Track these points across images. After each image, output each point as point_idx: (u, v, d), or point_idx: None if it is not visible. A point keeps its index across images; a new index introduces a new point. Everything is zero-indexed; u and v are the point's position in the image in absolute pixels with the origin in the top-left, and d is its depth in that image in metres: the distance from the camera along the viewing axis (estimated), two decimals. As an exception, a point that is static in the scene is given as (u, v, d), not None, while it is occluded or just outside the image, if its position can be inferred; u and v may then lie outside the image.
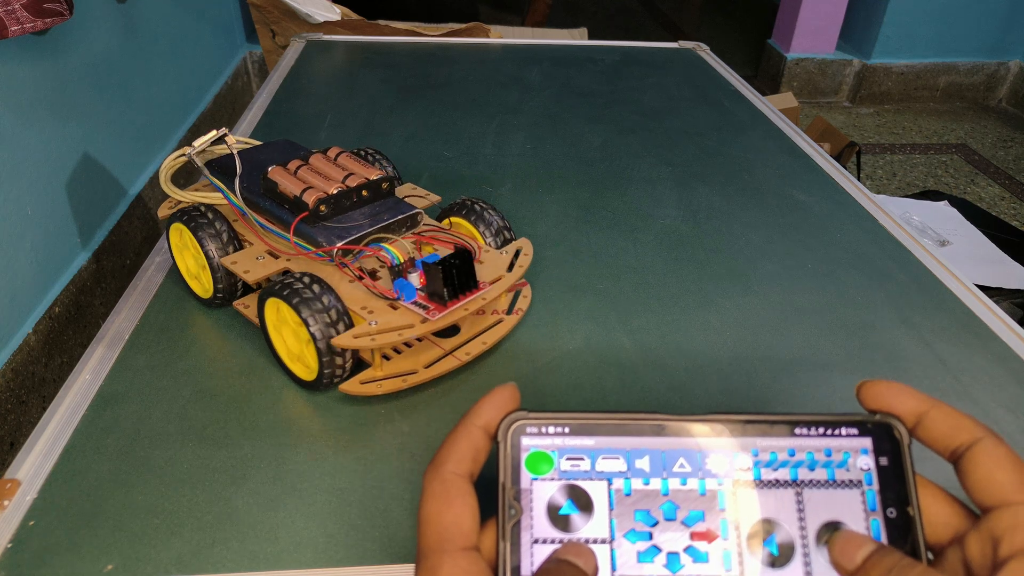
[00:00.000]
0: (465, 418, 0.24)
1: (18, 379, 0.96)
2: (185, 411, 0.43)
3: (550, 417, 0.24)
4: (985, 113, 2.49)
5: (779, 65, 2.49)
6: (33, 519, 0.37)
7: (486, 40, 1.13)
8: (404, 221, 0.49)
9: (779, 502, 0.23)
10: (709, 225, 0.66)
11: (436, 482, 0.23)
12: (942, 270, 0.61)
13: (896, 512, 0.23)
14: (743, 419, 0.24)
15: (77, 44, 1.13)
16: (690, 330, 0.52)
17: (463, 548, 0.22)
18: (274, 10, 1.65)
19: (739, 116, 0.89)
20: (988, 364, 0.51)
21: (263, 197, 0.50)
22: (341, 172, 0.50)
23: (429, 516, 0.23)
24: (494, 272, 0.48)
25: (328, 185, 0.48)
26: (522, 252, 0.51)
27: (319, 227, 0.47)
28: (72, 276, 1.10)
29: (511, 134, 0.82)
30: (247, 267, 0.47)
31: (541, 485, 0.24)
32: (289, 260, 0.48)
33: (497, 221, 0.52)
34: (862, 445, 0.24)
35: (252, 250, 0.49)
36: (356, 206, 0.49)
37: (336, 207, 0.48)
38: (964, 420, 0.24)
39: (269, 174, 0.49)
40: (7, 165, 0.94)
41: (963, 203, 1.40)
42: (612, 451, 0.24)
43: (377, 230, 0.48)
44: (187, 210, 0.50)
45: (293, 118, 0.83)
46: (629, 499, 0.23)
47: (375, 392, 0.44)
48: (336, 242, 0.46)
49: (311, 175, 0.50)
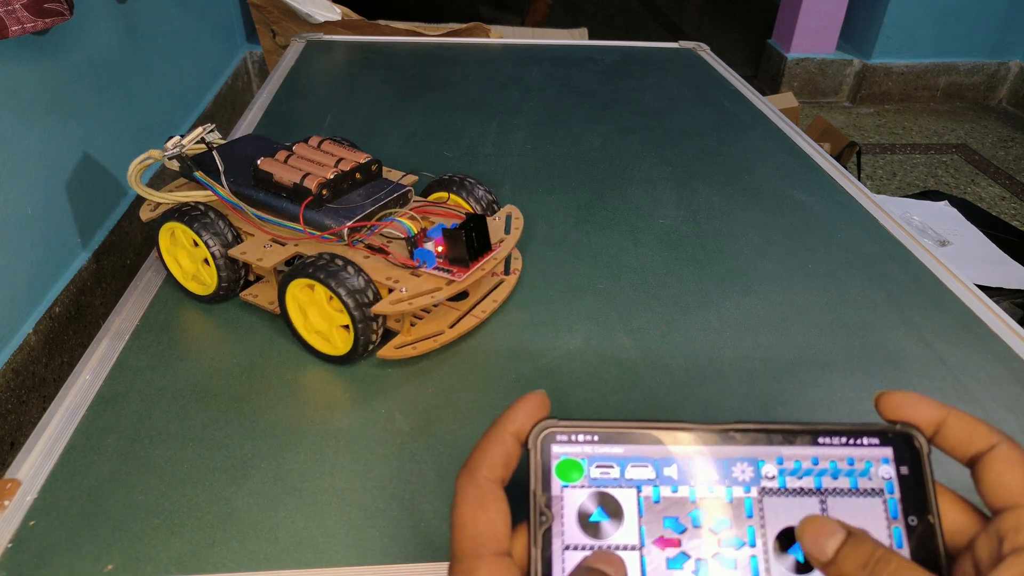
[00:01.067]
0: (497, 424, 0.25)
1: (18, 379, 0.96)
2: (185, 411, 0.43)
3: (580, 425, 0.24)
4: (985, 113, 2.49)
5: (779, 65, 2.49)
6: (33, 519, 0.37)
7: (486, 40, 1.13)
8: (398, 199, 0.52)
9: (804, 510, 0.24)
10: (709, 225, 0.66)
11: (471, 487, 0.23)
12: (942, 270, 0.61)
13: (917, 520, 0.24)
14: (768, 428, 0.25)
15: (77, 44, 1.13)
16: (690, 330, 0.52)
17: (497, 553, 0.23)
18: (274, 10, 1.65)
19: (739, 116, 0.89)
20: (988, 364, 0.51)
21: (256, 189, 0.51)
22: (331, 158, 0.52)
23: (464, 520, 0.23)
24: (494, 235, 0.51)
25: (324, 171, 0.50)
26: (513, 216, 0.54)
27: (324, 211, 0.49)
28: (72, 276, 1.10)
29: (511, 134, 0.82)
30: (259, 255, 0.49)
31: (571, 492, 0.24)
32: (298, 245, 0.49)
33: (484, 195, 0.56)
34: (883, 455, 0.25)
35: (256, 240, 0.50)
36: (352, 188, 0.51)
37: (335, 190, 0.50)
38: (980, 426, 0.24)
39: (260, 165, 0.51)
40: (7, 165, 0.94)
41: (963, 203, 1.40)
42: (641, 459, 0.24)
43: (377, 208, 0.50)
44: (179, 208, 0.50)
45: (293, 118, 0.83)
46: (658, 506, 0.24)
47: (411, 355, 0.47)
48: (345, 222, 0.48)
49: (303, 163, 0.51)
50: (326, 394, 0.45)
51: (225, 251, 0.49)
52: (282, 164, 0.51)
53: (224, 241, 0.50)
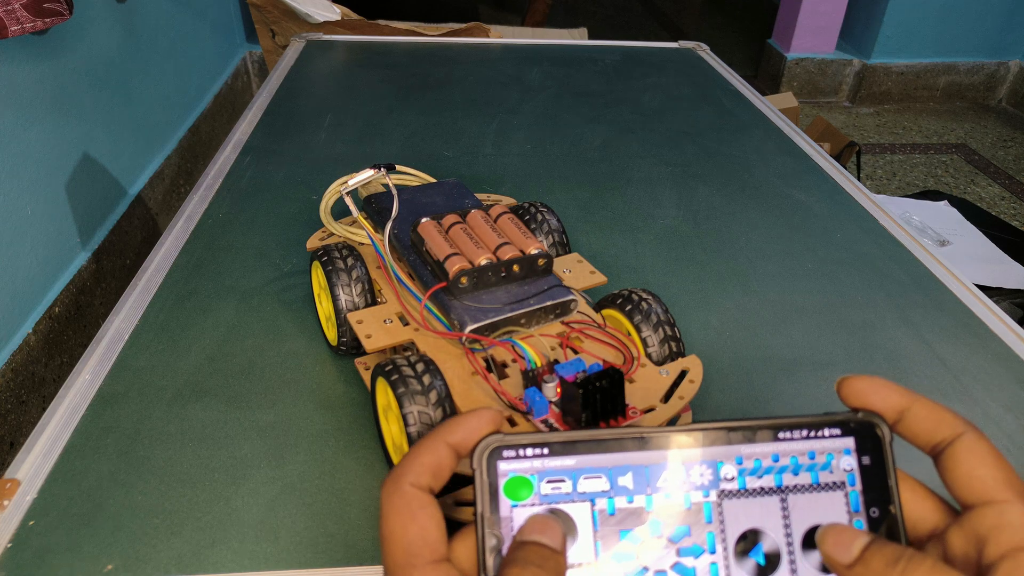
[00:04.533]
0: (433, 432, 0.24)
1: (18, 379, 0.96)
2: (185, 411, 0.43)
3: (528, 438, 0.23)
4: (985, 113, 2.49)
5: (779, 65, 2.49)
6: (33, 519, 0.37)
7: (486, 40, 1.13)
8: (553, 308, 0.42)
9: (765, 510, 0.23)
10: (709, 225, 0.66)
11: (396, 496, 0.22)
12: (942, 270, 0.61)
13: (879, 511, 0.23)
14: (726, 426, 0.24)
15: (77, 44, 1.13)
16: (690, 330, 0.52)
17: (432, 561, 0.22)
18: (274, 10, 1.65)
19: (739, 116, 0.89)
20: (988, 364, 0.51)
21: (409, 250, 0.45)
22: (496, 239, 0.43)
23: (393, 532, 0.22)
24: (649, 395, 0.39)
25: (477, 254, 0.42)
26: (688, 377, 0.40)
27: (456, 301, 0.41)
28: (72, 276, 1.10)
29: (511, 134, 0.82)
30: (370, 331, 0.42)
31: (522, 512, 0.23)
32: (417, 330, 0.42)
33: (665, 327, 0.42)
34: (845, 445, 0.24)
35: (383, 309, 0.44)
36: (503, 282, 0.42)
37: (479, 280, 0.41)
38: (945, 415, 0.23)
39: (419, 228, 0.43)
40: (7, 165, 0.94)
41: (963, 203, 1.40)
42: (594, 470, 0.23)
43: (518, 316, 0.41)
44: (329, 249, 0.45)
45: (293, 118, 0.83)
46: (613, 519, 0.23)
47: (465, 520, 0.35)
48: (468, 323, 0.39)
49: (463, 237, 0.43)
50: (326, 394, 0.45)
51: (345, 310, 0.44)
52: (441, 232, 0.43)
53: (352, 300, 0.44)
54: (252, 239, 0.60)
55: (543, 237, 0.49)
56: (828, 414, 0.24)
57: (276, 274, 0.56)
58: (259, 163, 0.72)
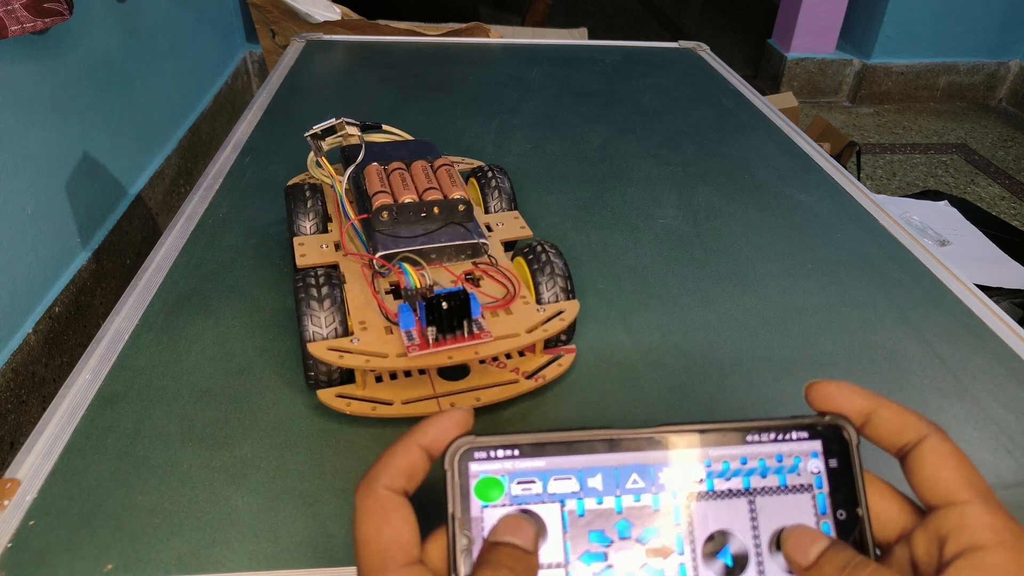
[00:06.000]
0: (405, 435, 0.24)
1: (18, 379, 0.96)
2: (185, 411, 0.43)
3: (499, 440, 0.23)
4: (985, 113, 2.49)
5: (779, 65, 2.49)
6: (33, 519, 0.37)
7: (486, 40, 1.13)
8: (464, 248, 0.47)
9: (732, 512, 0.23)
10: (709, 225, 0.66)
11: (370, 499, 0.23)
12: (942, 270, 0.61)
13: (846, 514, 0.24)
14: (696, 428, 0.24)
15: (77, 44, 1.13)
16: (690, 330, 0.52)
17: (406, 564, 0.22)
18: (274, 10, 1.65)
19: (739, 116, 0.89)
20: (988, 364, 0.51)
21: (359, 190, 0.51)
22: (426, 184, 0.49)
23: (367, 535, 0.22)
24: (519, 326, 0.43)
25: (403, 194, 0.47)
26: (560, 316, 0.44)
27: (378, 233, 0.47)
28: (72, 276, 1.10)
29: (511, 134, 0.82)
30: (305, 251, 0.48)
31: (492, 512, 0.23)
32: (346, 256, 0.48)
33: (560, 277, 0.46)
34: (812, 448, 0.24)
35: (324, 237, 0.50)
36: (424, 221, 0.47)
37: (400, 216, 0.47)
38: (910, 417, 0.24)
39: (365, 170, 0.50)
40: (7, 165, 0.94)
41: (963, 203, 1.40)
42: (564, 471, 0.23)
43: (429, 250, 0.46)
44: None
45: (293, 118, 0.83)
46: (583, 520, 0.23)
47: (342, 410, 0.42)
48: (380, 250, 0.46)
49: (397, 180, 0.49)
50: (326, 394, 0.45)
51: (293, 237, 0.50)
52: (382, 176, 0.49)
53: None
54: (252, 239, 0.60)
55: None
56: (795, 417, 0.25)
57: (276, 274, 0.56)
58: (259, 163, 0.72)
